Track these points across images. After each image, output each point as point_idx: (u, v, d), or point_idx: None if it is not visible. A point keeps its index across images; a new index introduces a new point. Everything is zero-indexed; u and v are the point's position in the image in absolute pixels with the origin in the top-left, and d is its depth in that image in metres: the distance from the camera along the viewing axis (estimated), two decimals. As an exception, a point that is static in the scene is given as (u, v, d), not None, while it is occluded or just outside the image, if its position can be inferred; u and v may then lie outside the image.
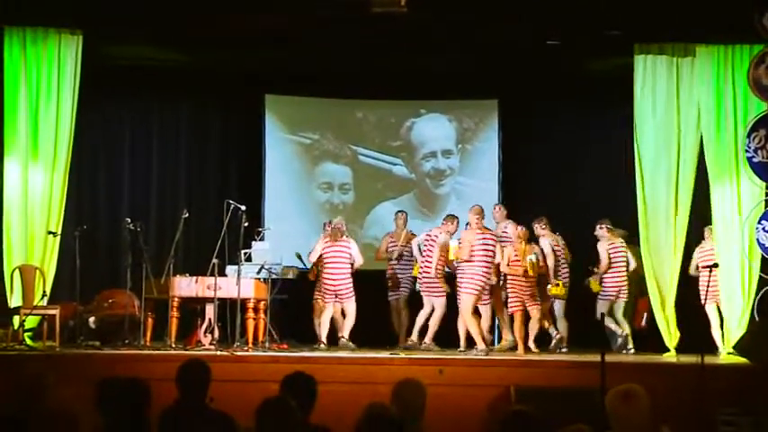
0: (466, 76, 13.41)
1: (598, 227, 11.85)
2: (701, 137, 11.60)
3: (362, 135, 14.06)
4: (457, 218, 11.71)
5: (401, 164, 14.03)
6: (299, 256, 11.87)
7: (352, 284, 11.61)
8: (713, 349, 11.26)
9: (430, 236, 11.65)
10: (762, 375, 9.83)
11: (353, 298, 11.61)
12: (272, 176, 13.80)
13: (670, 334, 11.51)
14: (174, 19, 11.50)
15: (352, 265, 11.63)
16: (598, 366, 8.27)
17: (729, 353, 11.16)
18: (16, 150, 11.45)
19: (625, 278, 11.80)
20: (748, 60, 11.38)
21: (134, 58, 12.74)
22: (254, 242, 11.85)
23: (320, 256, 11.65)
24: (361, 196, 13.68)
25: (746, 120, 11.44)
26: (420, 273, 11.73)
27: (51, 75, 11.50)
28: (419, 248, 11.76)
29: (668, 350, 11.44)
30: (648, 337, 11.90)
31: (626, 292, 11.80)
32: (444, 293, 11.57)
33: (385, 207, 13.07)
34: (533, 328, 11.50)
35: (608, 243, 11.78)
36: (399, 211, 12.65)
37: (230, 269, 11.30)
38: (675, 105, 11.72)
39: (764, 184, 11.39)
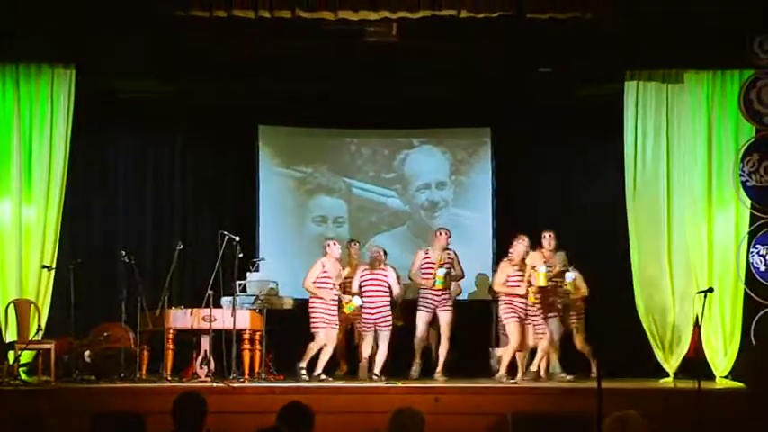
0: (458, 105, 13.43)
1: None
2: (692, 162, 11.66)
3: (356, 168, 14.04)
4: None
5: (395, 196, 14.00)
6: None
7: (390, 314, 11.56)
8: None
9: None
10: (757, 400, 9.83)
11: (390, 329, 11.51)
12: (266, 209, 13.78)
13: (668, 359, 11.56)
14: (168, 51, 11.57)
15: (390, 293, 11.58)
16: (595, 392, 8.25)
17: (724, 377, 11.20)
18: (10, 185, 11.46)
19: None
20: (738, 86, 11.46)
21: (127, 91, 12.78)
22: (248, 273, 11.84)
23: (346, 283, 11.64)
24: (356, 229, 13.62)
25: (737, 144, 11.51)
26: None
27: (44, 109, 11.54)
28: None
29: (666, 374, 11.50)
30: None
31: None
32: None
33: (379, 240, 13.03)
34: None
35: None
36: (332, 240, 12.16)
37: (225, 300, 11.29)
38: (665, 131, 11.81)
39: (758, 207, 11.44)
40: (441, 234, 11.84)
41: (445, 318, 11.55)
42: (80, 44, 11.29)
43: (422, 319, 11.63)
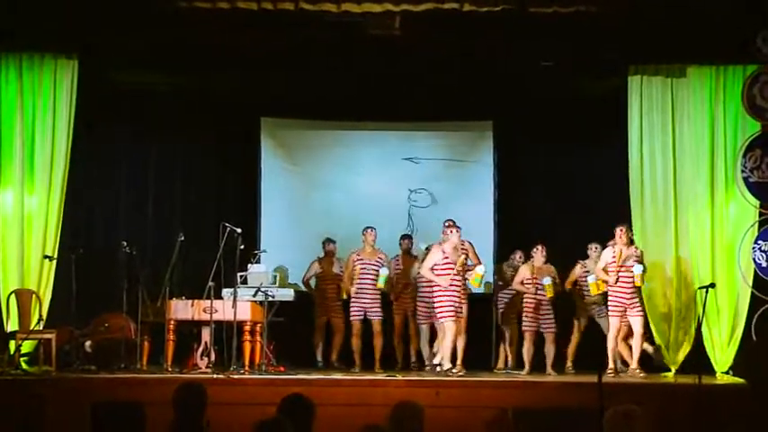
0: (460, 98, 13.43)
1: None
2: (695, 157, 11.67)
3: (358, 160, 14.00)
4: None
5: (397, 189, 13.97)
6: None
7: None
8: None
9: None
10: (757, 396, 9.82)
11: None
12: (268, 201, 13.78)
13: (671, 354, 11.59)
14: (171, 43, 11.56)
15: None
16: (596, 387, 8.25)
17: (724, 373, 11.21)
18: (12, 175, 11.48)
19: None
20: (741, 81, 11.46)
21: (130, 82, 12.78)
22: (250, 265, 11.84)
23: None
24: (357, 222, 13.45)
25: (739, 140, 11.51)
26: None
27: (47, 100, 11.57)
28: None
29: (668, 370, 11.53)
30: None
31: None
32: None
33: (381, 233, 12.98)
34: (549, 351, 11.63)
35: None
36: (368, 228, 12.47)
37: (226, 292, 11.29)
38: (670, 125, 11.84)
39: (759, 203, 11.44)
40: (451, 229, 11.86)
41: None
42: (83, 35, 11.31)
43: None
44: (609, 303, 11.31)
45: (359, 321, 12.07)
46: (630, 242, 11.35)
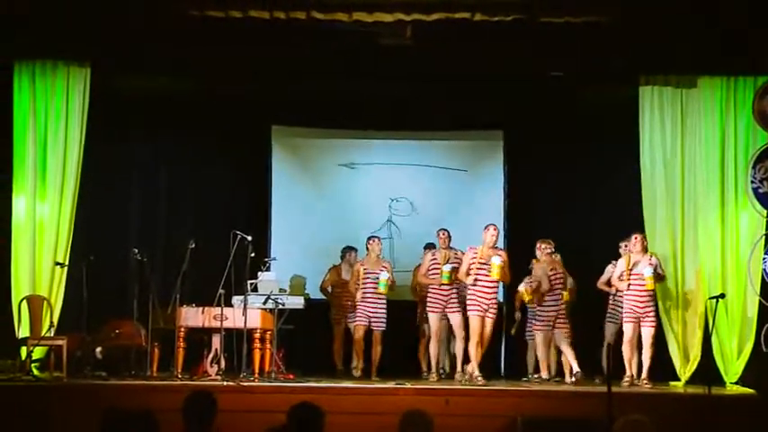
0: (471, 107, 13.47)
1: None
2: (706, 167, 11.67)
3: (368, 169, 14.04)
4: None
5: (407, 197, 14.00)
6: None
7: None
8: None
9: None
10: (767, 407, 9.83)
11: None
12: (279, 209, 13.83)
13: (683, 364, 11.57)
14: (183, 51, 11.59)
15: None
16: (605, 397, 8.26)
17: (734, 383, 11.20)
18: (24, 181, 11.54)
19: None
20: (752, 92, 11.45)
21: (142, 89, 12.82)
22: (260, 272, 11.87)
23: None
24: (367, 229, 13.50)
25: (749, 150, 11.50)
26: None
27: (60, 107, 11.62)
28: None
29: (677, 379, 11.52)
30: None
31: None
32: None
33: (390, 240, 13.00)
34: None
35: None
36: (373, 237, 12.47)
37: (236, 299, 11.32)
38: (680, 136, 11.82)
39: (768, 213, 11.46)
40: (441, 234, 11.89)
41: (455, 319, 11.56)
42: (95, 43, 11.35)
43: (433, 319, 11.65)
44: (623, 310, 11.25)
45: (362, 326, 12.02)
46: (645, 250, 11.34)
